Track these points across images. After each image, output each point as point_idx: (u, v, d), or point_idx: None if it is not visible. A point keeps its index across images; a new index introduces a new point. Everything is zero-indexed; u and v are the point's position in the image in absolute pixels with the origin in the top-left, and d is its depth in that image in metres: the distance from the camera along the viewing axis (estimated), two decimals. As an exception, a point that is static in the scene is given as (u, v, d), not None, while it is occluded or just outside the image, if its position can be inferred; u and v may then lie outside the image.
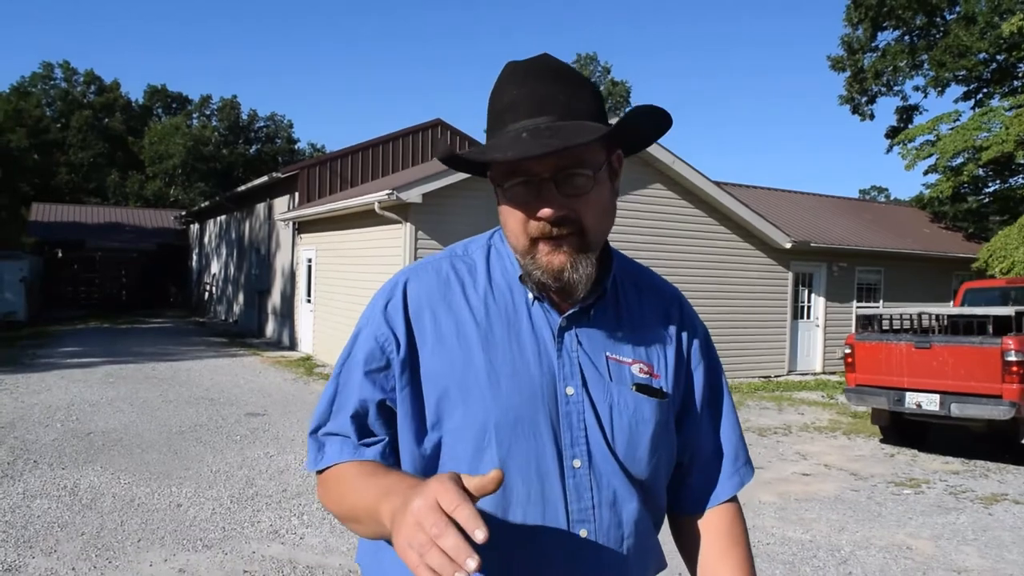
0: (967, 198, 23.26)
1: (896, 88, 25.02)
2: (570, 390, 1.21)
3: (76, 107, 48.76)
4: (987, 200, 22.36)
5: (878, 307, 17.22)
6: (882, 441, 9.18)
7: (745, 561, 1.31)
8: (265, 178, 20.07)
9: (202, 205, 31.28)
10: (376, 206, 12.37)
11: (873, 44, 23.10)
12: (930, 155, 20.66)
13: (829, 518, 6.05)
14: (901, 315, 8.64)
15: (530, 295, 1.25)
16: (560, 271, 1.17)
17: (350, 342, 1.28)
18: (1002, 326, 7.75)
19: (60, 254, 33.35)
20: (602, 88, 53.78)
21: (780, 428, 9.99)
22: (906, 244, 18.91)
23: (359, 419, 1.22)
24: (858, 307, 17.14)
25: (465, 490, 0.95)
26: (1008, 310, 7.66)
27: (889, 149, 21.95)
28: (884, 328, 8.59)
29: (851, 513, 6.21)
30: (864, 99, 25.66)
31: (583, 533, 1.20)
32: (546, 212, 1.14)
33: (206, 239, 30.84)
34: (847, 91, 25.23)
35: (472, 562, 0.89)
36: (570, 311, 1.24)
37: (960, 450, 8.73)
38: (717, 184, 15.21)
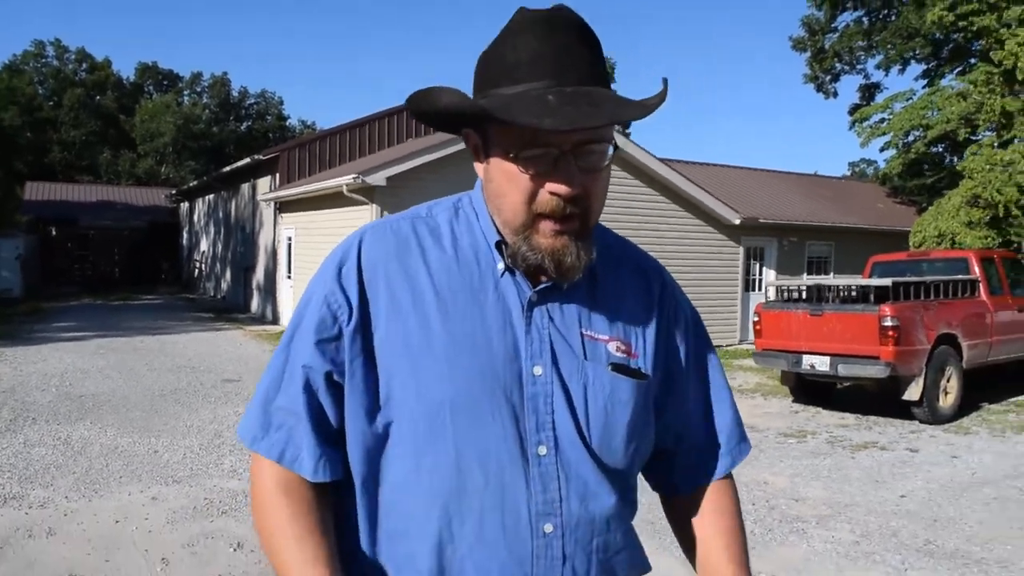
0: (925, 173, 24.24)
1: (859, 67, 25.93)
2: (538, 370, 1.11)
3: (68, 85, 49.37)
4: (943, 176, 23.36)
5: (826, 279, 18.28)
6: (794, 401, 10.26)
7: (737, 534, 1.26)
8: (248, 160, 21.00)
9: (191, 184, 32.18)
10: (344, 189, 13.36)
11: (833, 25, 23.98)
12: (885, 133, 21.62)
13: (710, 460, 7.12)
14: (799, 286, 9.70)
15: (500, 265, 1.14)
16: (563, 257, 1.08)
17: (301, 307, 1.17)
18: (883, 296, 8.79)
19: (54, 232, 34.27)
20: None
21: (707, 390, 11.06)
22: (856, 219, 19.93)
23: (309, 392, 1.12)
24: (807, 279, 18.21)
25: None
26: (886, 281, 8.69)
27: (851, 127, 22.84)
28: (785, 298, 9.65)
29: (731, 456, 7.28)
30: (828, 78, 26.55)
31: (548, 528, 1.10)
32: (564, 190, 1.05)
33: (195, 217, 31.76)
34: (811, 70, 26.10)
35: None
36: (543, 284, 1.14)
37: (858, 407, 9.79)
38: (666, 163, 16.20)
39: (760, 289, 17.98)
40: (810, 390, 9.96)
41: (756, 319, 9.65)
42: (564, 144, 1.04)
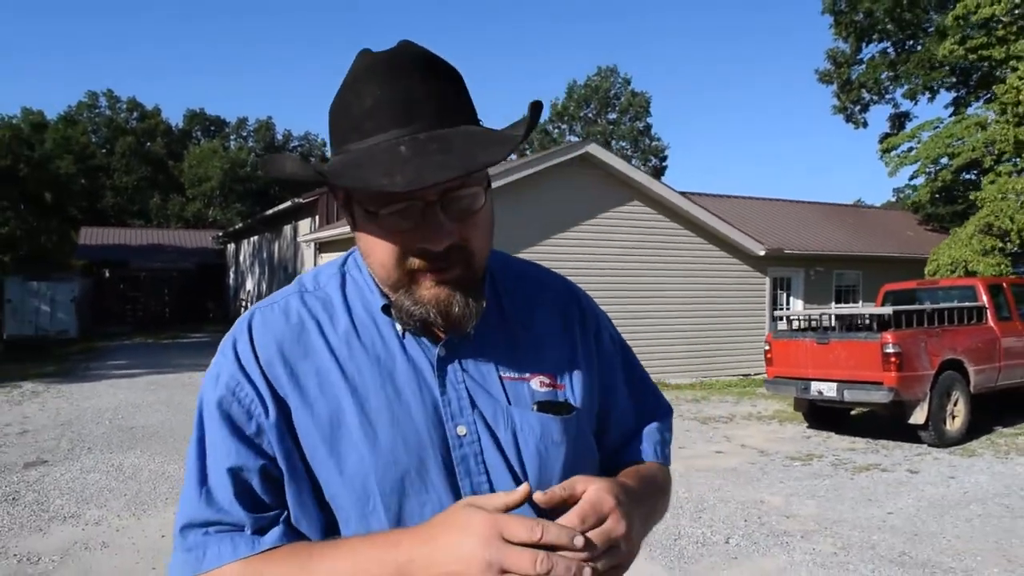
0: (957, 201, 24.34)
1: (887, 96, 26.19)
2: (462, 429, 1.06)
3: (120, 133, 51.42)
4: (972, 203, 23.49)
5: (856, 307, 18.48)
6: (808, 427, 10.57)
7: (644, 469, 1.19)
8: (289, 203, 21.94)
9: (237, 227, 33.37)
10: (378, 230, 14.03)
11: (858, 57, 24.35)
12: (914, 161, 21.85)
13: (712, 482, 7.52)
14: (808, 315, 10.07)
15: (398, 326, 1.08)
16: (449, 308, 1.02)
17: (200, 408, 1.08)
18: (886, 324, 9.15)
19: (107, 274, 35.68)
20: (622, 99, 54.90)
21: (725, 417, 11.44)
22: (885, 247, 20.12)
23: (243, 494, 1.02)
24: (836, 308, 18.42)
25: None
26: (887, 310, 9.05)
27: (880, 156, 23.11)
28: (794, 327, 10.03)
29: (733, 479, 7.67)
30: (857, 108, 26.84)
31: None
32: (435, 243, 0.99)
33: (241, 258, 32.90)
34: (839, 101, 26.42)
35: (588, 570, 0.87)
36: (446, 338, 1.08)
37: (870, 432, 10.08)
38: (688, 197, 16.68)
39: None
40: (824, 416, 10.28)
41: (767, 348, 10.04)
42: (428, 195, 0.97)
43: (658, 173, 56.19)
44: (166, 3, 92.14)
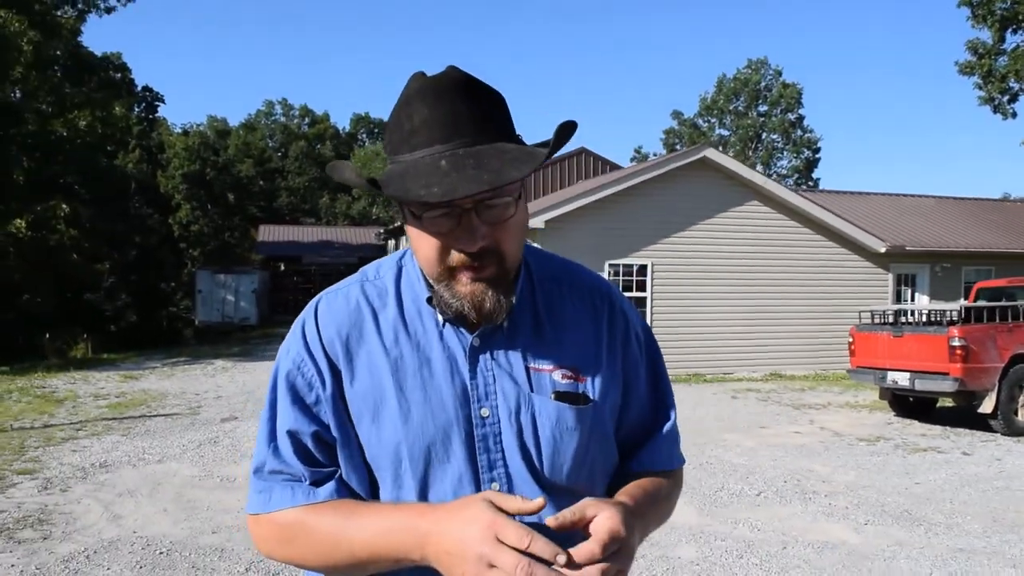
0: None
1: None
2: (485, 412, 1.21)
3: (293, 138, 56.01)
4: None
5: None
6: (896, 415, 11.37)
7: (653, 488, 1.29)
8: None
9: (394, 225, 36.14)
10: (509, 230, 15.72)
11: (1002, 47, 23.88)
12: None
13: (775, 455, 8.67)
14: (885, 311, 10.90)
15: (439, 317, 1.23)
16: (481, 303, 1.16)
17: (273, 377, 1.27)
18: (958, 319, 9.90)
19: (282, 268, 39.51)
20: (773, 91, 54.22)
21: (821, 404, 12.37)
22: (1018, 244, 19.87)
23: (302, 452, 1.21)
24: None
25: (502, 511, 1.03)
26: (954, 305, 9.82)
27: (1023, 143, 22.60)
28: (876, 321, 10.88)
29: (796, 453, 8.78)
30: (1006, 98, 26.18)
31: None
32: (468, 245, 1.13)
33: (399, 253, 35.65)
34: (985, 92, 25.88)
35: None
36: (481, 329, 1.22)
37: (951, 421, 10.79)
38: (806, 197, 17.51)
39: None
40: (909, 406, 11.07)
41: (851, 340, 10.96)
42: (464, 203, 1.11)
43: (811, 165, 55.25)
44: (333, 17, 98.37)
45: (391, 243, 38.53)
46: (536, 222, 15.32)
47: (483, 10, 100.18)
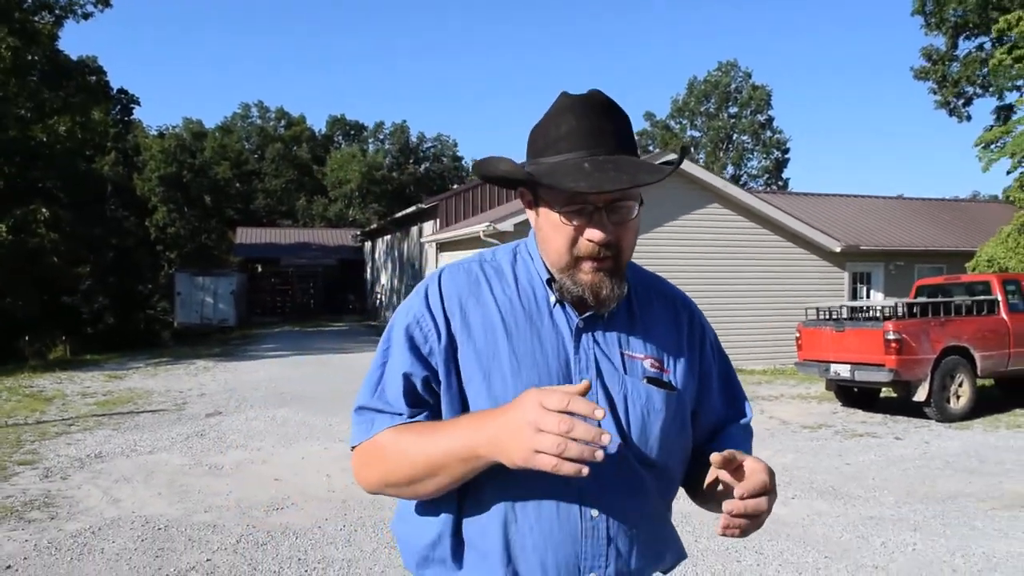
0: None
1: (991, 89, 26.44)
2: (585, 382, 1.29)
3: (270, 140, 56.30)
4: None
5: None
6: (843, 405, 12.13)
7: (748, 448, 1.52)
8: (414, 208, 24.73)
9: (372, 227, 36.72)
10: (480, 234, 16.41)
11: (954, 53, 24.89)
12: (1009, 154, 22.30)
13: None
14: (830, 308, 11.68)
15: (552, 298, 1.42)
16: (599, 289, 1.36)
17: (391, 330, 1.45)
18: (894, 314, 10.68)
19: (260, 269, 39.91)
20: (743, 93, 55.14)
21: (774, 396, 13.13)
22: (971, 242, 20.80)
23: (409, 392, 1.39)
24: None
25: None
26: (890, 302, 10.60)
27: (977, 153, 23.58)
28: (820, 317, 11.66)
29: (743, 438, 9.49)
30: (960, 102, 27.20)
31: (594, 513, 1.35)
32: (599, 237, 1.33)
33: (376, 255, 36.20)
34: (941, 97, 26.87)
35: (607, 436, 1.15)
36: (587, 313, 1.41)
37: (894, 410, 11.56)
38: (763, 199, 18.28)
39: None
40: (855, 396, 11.83)
41: (798, 335, 11.72)
42: (598, 201, 1.32)
43: (780, 166, 56.30)
44: (308, 19, 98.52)
45: (367, 245, 39.08)
46: (505, 225, 15.99)
47: (458, 9, 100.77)
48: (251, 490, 6.88)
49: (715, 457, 1.27)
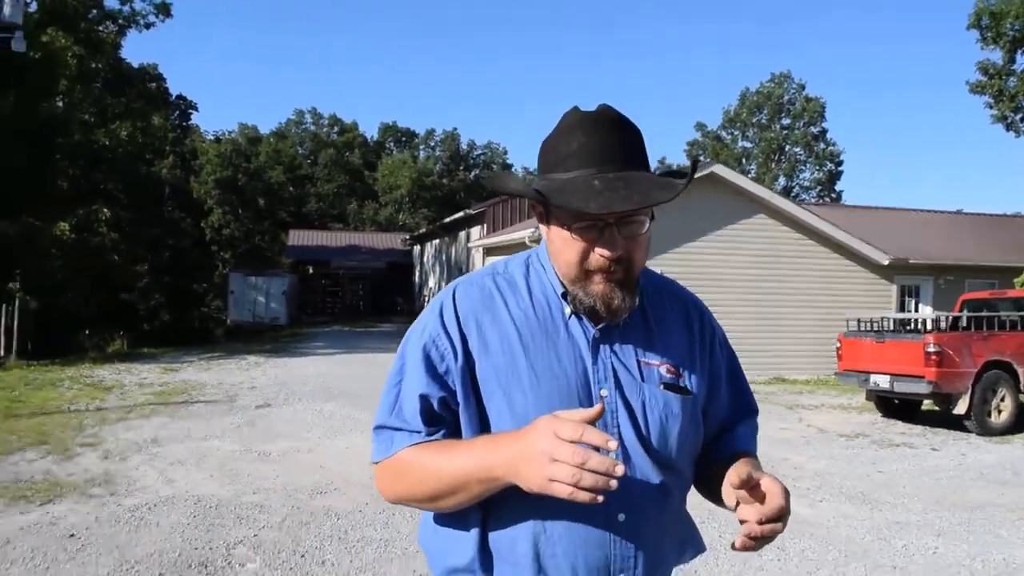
0: None
1: (1054, 103, 25.96)
2: (604, 392, 1.40)
3: (322, 146, 57.40)
4: None
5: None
6: (883, 416, 12.12)
7: (752, 456, 1.54)
8: (462, 213, 25.17)
9: (420, 231, 37.30)
10: (526, 239, 16.67)
11: (1011, 67, 24.51)
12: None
13: (759, 447, 9.47)
14: (870, 319, 11.69)
15: (567, 309, 1.43)
16: (611, 301, 1.37)
17: (405, 348, 1.48)
18: (935, 328, 10.68)
19: (311, 271, 40.72)
20: (796, 105, 54.64)
21: (815, 405, 13.16)
22: (1022, 259, 20.45)
23: (425, 412, 1.40)
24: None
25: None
26: (931, 314, 10.59)
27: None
28: (859, 328, 11.68)
29: (779, 445, 9.59)
30: (1019, 116, 26.76)
31: (621, 517, 1.38)
32: (609, 253, 1.34)
33: (425, 258, 36.76)
34: (998, 111, 26.47)
35: (621, 467, 1.17)
36: (603, 324, 1.43)
37: (935, 423, 11.52)
38: (811, 211, 18.27)
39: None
40: (896, 408, 11.81)
41: (838, 345, 11.76)
42: (609, 218, 1.33)
43: (833, 178, 55.64)
44: (363, 26, 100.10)
45: (416, 248, 39.67)
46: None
47: (510, 19, 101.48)
48: (297, 475, 7.23)
49: (733, 479, 1.31)
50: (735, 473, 1.31)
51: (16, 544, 5.19)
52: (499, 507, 1.38)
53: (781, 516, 1.33)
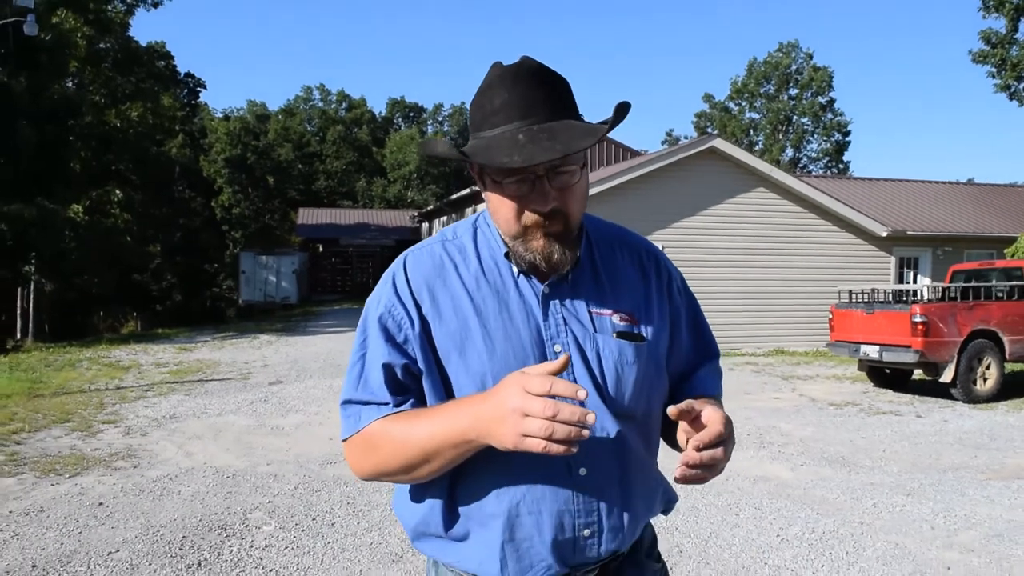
0: None
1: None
2: (557, 347, 1.41)
3: (331, 123, 57.57)
4: None
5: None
6: (875, 385, 12.49)
7: (715, 398, 1.56)
8: (468, 190, 25.41)
9: (429, 208, 37.57)
10: (528, 217, 17.00)
11: (1014, 36, 24.56)
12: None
13: (749, 415, 9.86)
14: (861, 290, 12.04)
15: (515, 269, 1.45)
16: (550, 255, 1.38)
17: (365, 322, 1.47)
18: (921, 297, 11.01)
19: (321, 249, 41.15)
20: (804, 75, 54.41)
21: (809, 376, 13.54)
22: (1018, 227, 20.67)
23: (391, 381, 1.41)
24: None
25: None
26: (916, 286, 10.92)
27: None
28: (850, 300, 12.04)
29: (769, 414, 9.99)
30: (1022, 85, 26.81)
31: (582, 472, 1.39)
32: (541, 207, 1.34)
33: (433, 235, 37.05)
34: (1000, 80, 26.53)
35: (592, 415, 1.17)
36: (551, 279, 1.44)
37: (924, 391, 11.90)
38: (810, 183, 18.55)
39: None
40: (887, 377, 12.18)
41: (830, 316, 12.12)
42: (538, 171, 1.33)
43: (841, 149, 55.52)
44: (370, 4, 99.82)
45: (424, 225, 39.92)
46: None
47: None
48: (308, 447, 7.69)
49: (671, 410, 1.30)
50: (674, 406, 1.31)
51: (50, 512, 5.65)
52: (465, 468, 1.39)
53: (721, 442, 1.33)
